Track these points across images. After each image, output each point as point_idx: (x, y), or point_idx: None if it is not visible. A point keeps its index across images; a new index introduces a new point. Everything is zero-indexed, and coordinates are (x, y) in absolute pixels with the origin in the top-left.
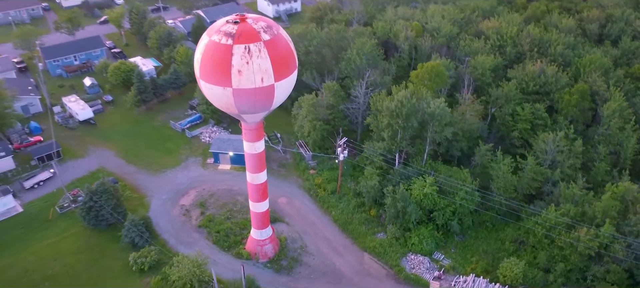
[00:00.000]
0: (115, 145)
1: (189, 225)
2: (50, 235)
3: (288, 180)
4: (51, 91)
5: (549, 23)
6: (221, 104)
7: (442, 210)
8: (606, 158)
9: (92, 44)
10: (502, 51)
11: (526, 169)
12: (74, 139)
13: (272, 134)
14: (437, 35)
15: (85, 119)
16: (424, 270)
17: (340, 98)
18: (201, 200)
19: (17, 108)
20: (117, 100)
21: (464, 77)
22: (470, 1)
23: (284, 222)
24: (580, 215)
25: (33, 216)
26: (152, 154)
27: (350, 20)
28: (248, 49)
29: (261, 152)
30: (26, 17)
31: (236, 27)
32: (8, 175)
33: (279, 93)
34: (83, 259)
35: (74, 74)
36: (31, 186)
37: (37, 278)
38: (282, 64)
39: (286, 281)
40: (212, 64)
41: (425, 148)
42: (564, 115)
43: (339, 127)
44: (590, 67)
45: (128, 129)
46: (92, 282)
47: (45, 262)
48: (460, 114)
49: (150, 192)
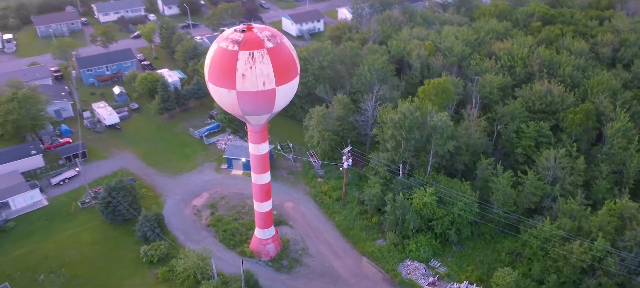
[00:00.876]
0: (137, 149)
1: (198, 224)
2: (71, 226)
3: (296, 186)
4: (83, 98)
5: (561, 46)
6: (227, 105)
7: (441, 219)
8: (608, 177)
9: (124, 56)
10: (512, 71)
11: (526, 184)
12: (100, 141)
13: (285, 143)
14: (449, 55)
15: (112, 123)
16: (419, 275)
17: (350, 110)
18: (212, 202)
19: (51, 112)
20: (142, 108)
21: (472, 95)
22: (485, 24)
23: (288, 224)
24: (576, 229)
25: (57, 209)
26: (170, 158)
27: (366, 39)
28: (252, 55)
29: (265, 154)
30: (66, 31)
31: (243, 35)
32: (37, 172)
33: (280, 97)
34: (98, 249)
35: (105, 83)
36: (57, 182)
37: (55, 265)
38: (284, 70)
39: (285, 279)
40: (219, 67)
41: (429, 160)
42: (568, 134)
43: (348, 138)
44: (598, 88)
45: (150, 135)
46: (105, 270)
47: (64, 250)
48: (464, 129)
49: (166, 193)
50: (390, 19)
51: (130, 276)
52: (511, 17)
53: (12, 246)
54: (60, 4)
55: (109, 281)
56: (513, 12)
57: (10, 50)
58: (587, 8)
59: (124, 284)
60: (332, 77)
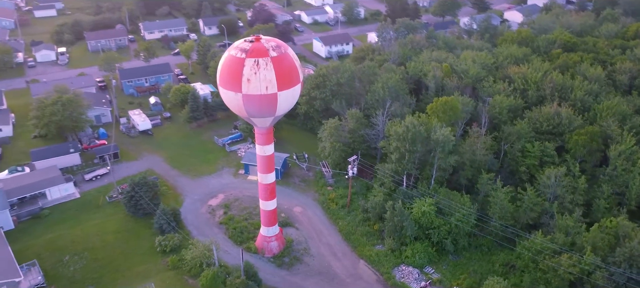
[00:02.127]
0: (164, 153)
1: (212, 221)
2: (97, 217)
3: (306, 193)
4: (121, 106)
5: (577, 72)
6: (234, 107)
7: (438, 228)
8: (610, 198)
9: (162, 70)
10: (525, 94)
11: (525, 199)
12: (133, 145)
13: (301, 154)
14: (464, 77)
15: (144, 129)
16: (412, 279)
17: (362, 124)
18: (226, 203)
19: (91, 116)
20: (174, 117)
21: (481, 114)
22: (505, 49)
23: (293, 226)
24: (569, 244)
25: (87, 202)
26: (193, 163)
27: (386, 60)
28: (257, 62)
29: (270, 155)
30: (114, 46)
31: (250, 45)
32: (74, 168)
33: (282, 101)
34: (119, 238)
35: (143, 94)
36: (90, 178)
37: (80, 248)
38: (286, 77)
39: (284, 275)
40: (227, 72)
41: (433, 173)
42: (572, 155)
43: (358, 150)
44: (607, 113)
45: (178, 141)
46: (123, 256)
47: (89, 236)
48: (468, 145)
49: (185, 193)
50: (412, 43)
51: (144, 263)
52: (533, 44)
53: (44, 230)
54: (111, 22)
55: (124, 265)
56: (535, 39)
57: (63, 62)
58: (613, 38)
59: (137, 269)
60: (349, 93)
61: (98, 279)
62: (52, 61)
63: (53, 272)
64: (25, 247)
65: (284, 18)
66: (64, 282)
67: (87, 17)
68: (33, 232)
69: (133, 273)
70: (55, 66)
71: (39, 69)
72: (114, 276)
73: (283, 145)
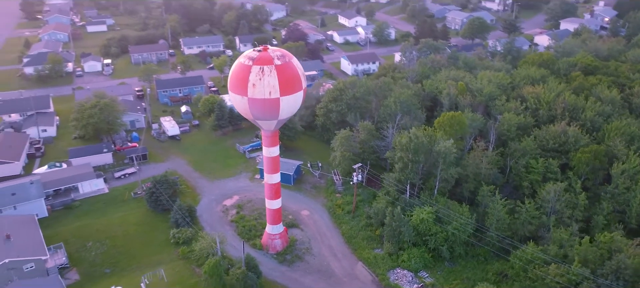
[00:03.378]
0: (189, 157)
1: (224, 219)
2: (121, 210)
3: (315, 199)
4: (155, 113)
5: (592, 94)
6: (241, 109)
7: (434, 235)
8: (611, 215)
9: (195, 81)
10: (536, 113)
11: (522, 212)
12: (161, 148)
13: (315, 162)
14: (478, 95)
15: (173, 135)
16: (405, 282)
17: (372, 136)
18: (240, 204)
19: (126, 121)
20: (201, 125)
21: (490, 130)
22: (523, 71)
23: (299, 228)
24: (561, 255)
25: (114, 196)
26: (214, 166)
27: (405, 78)
28: (262, 69)
29: (276, 156)
30: (154, 59)
31: (258, 54)
32: (106, 166)
33: (284, 106)
34: (139, 229)
35: (176, 103)
36: (119, 176)
37: (102, 237)
38: (288, 84)
39: (285, 270)
40: (236, 78)
41: (436, 184)
42: (574, 172)
43: (368, 160)
44: (615, 133)
45: (203, 147)
46: (140, 245)
47: (112, 227)
48: (472, 158)
49: (203, 193)
50: (432, 62)
51: (158, 252)
52: (553, 66)
53: (73, 219)
54: (155, 37)
55: (140, 253)
56: (556, 62)
57: (108, 72)
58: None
59: (151, 257)
60: (364, 107)
61: (115, 264)
62: (98, 71)
63: (77, 255)
64: (55, 233)
65: (316, 37)
66: (85, 264)
67: (133, 33)
68: (63, 220)
69: (147, 261)
70: (100, 76)
71: (86, 78)
72: (129, 262)
73: (300, 155)
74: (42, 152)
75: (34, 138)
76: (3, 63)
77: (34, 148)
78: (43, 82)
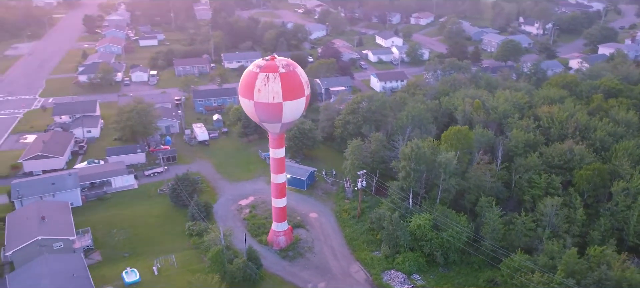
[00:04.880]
0: (214, 160)
1: (237, 217)
2: (147, 204)
3: (325, 203)
4: (189, 120)
5: (608, 115)
6: (248, 111)
7: (429, 241)
8: (608, 232)
9: (230, 93)
10: (547, 132)
11: (517, 223)
12: (190, 152)
13: (330, 170)
14: (492, 113)
15: (202, 140)
16: (397, 283)
17: (383, 147)
18: (254, 204)
19: (161, 126)
20: (230, 132)
21: (498, 146)
22: (544, 91)
23: (305, 228)
24: (551, 266)
25: (142, 192)
26: (235, 170)
27: (424, 94)
28: (267, 76)
29: (281, 158)
30: (196, 72)
31: (265, 63)
32: (138, 165)
33: (286, 110)
34: (159, 221)
35: (210, 112)
36: (148, 174)
37: (126, 225)
38: (290, 90)
39: (285, 265)
40: (245, 83)
41: (438, 194)
42: (576, 188)
43: (377, 169)
44: (623, 153)
45: (228, 152)
46: (158, 234)
47: (136, 217)
48: (473, 171)
49: (222, 192)
50: (454, 81)
51: (173, 242)
52: (576, 88)
53: (104, 209)
54: (199, 52)
55: (156, 241)
56: (579, 84)
57: (153, 82)
58: None
59: (166, 245)
60: (379, 119)
61: (133, 249)
62: (144, 81)
63: (101, 240)
64: (86, 220)
65: (350, 56)
66: (107, 248)
67: (181, 47)
68: (95, 210)
69: (161, 248)
70: (145, 86)
71: (132, 86)
72: (146, 248)
73: (318, 163)
74: (84, 150)
75: (79, 137)
76: (62, 71)
77: (78, 147)
78: (94, 89)
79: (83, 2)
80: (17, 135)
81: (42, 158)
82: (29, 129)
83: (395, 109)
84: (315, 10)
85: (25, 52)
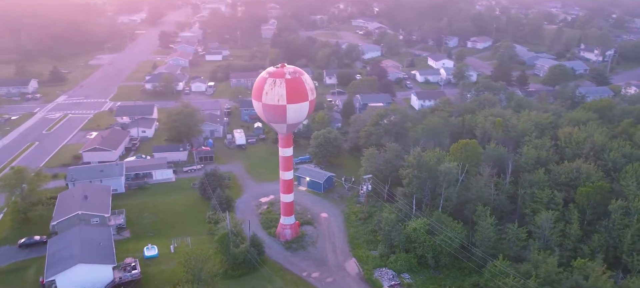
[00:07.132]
0: (246, 162)
1: (255, 212)
2: (179, 194)
3: (338, 206)
4: (233, 127)
5: (632, 139)
6: (258, 112)
7: (422, 244)
8: (600, 248)
9: None
10: (563, 151)
11: (509, 232)
12: (227, 154)
13: (348, 177)
14: (512, 131)
15: (240, 144)
16: (386, 279)
17: (396, 156)
18: (272, 202)
19: (207, 130)
20: (267, 139)
21: (508, 162)
22: (571, 114)
23: (312, 225)
24: (533, 274)
25: (178, 185)
26: (264, 172)
27: (450, 112)
28: (274, 81)
29: (289, 156)
30: (249, 84)
31: (275, 69)
32: (179, 162)
33: (290, 112)
34: (185, 209)
35: (253, 120)
36: (186, 171)
37: (157, 210)
38: (294, 94)
39: (287, 255)
40: (255, 87)
41: (440, 202)
42: (575, 204)
43: (389, 177)
44: (632, 174)
45: (261, 156)
46: (182, 220)
47: (166, 204)
48: (474, 182)
49: (247, 190)
50: (483, 100)
51: (193, 227)
52: (609, 112)
53: (143, 197)
54: (256, 67)
55: (179, 225)
56: (613, 108)
57: (209, 92)
58: None
59: (186, 229)
60: (399, 132)
61: (157, 230)
62: (202, 91)
63: (133, 220)
64: (125, 203)
65: (397, 75)
66: (136, 227)
67: (241, 62)
68: (134, 196)
69: (181, 231)
70: (203, 95)
71: (191, 96)
72: (168, 231)
73: (340, 170)
74: (136, 146)
75: (134, 136)
76: (133, 80)
77: (131, 143)
78: (157, 96)
79: (164, 19)
80: (84, 132)
81: (99, 151)
82: (95, 127)
83: (416, 122)
84: (375, 32)
85: (105, 62)
